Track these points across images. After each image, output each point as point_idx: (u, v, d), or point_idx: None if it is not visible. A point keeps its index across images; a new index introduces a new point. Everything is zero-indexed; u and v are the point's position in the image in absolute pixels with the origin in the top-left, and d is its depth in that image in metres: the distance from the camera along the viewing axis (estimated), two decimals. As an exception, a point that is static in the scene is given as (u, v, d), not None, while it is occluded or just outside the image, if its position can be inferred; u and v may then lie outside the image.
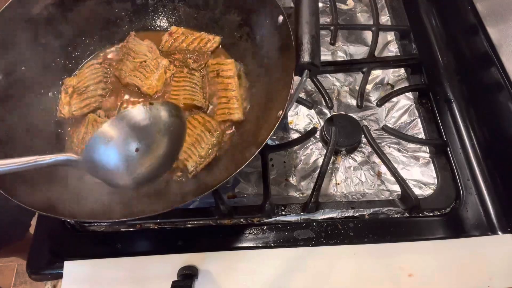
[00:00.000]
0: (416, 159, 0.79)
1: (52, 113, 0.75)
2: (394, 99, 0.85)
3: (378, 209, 0.72)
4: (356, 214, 0.72)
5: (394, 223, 0.71)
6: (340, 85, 0.89)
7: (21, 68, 0.70)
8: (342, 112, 0.84)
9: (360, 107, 0.80)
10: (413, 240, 0.69)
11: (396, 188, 0.75)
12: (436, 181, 0.76)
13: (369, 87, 0.88)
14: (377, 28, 0.90)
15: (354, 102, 0.86)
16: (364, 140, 0.80)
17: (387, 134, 0.79)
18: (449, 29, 0.93)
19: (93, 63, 0.80)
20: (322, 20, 0.96)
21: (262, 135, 0.61)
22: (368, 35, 0.93)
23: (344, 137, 0.77)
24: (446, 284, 0.66)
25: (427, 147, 0.80)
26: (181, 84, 0.77)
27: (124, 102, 0.78)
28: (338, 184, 0.77)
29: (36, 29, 0.72)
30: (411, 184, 0.74)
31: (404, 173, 0.75)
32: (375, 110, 0.85)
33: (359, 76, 0.87)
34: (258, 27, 0.75)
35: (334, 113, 0.84)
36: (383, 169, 0.77)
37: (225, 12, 0.80)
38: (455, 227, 0.71)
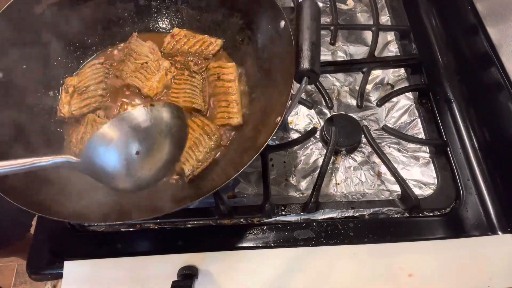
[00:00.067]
0: (416, 159, 0.79)
1: (52, 112, 0.75)
2: (394, 99, 0.85)
3: (378, 209, 0.72)
4: (356, 214, 0.72)
5: (394, 223, 0.71)
6: (340, 85, 0.89)
7: (22, 66, 0.70)
8: (342, 112, 0.84)
9: (360, 107, 0.80)
10: (413, 240, 0.69)
11: (396, 188, 0.75)
12: (436, 181, 0.76)
13: (369, 87, 0.88)
14: (377, 28, 0.90)
15: (354, 102, 0.86)
16: (364, 140, 0.80)
17: (387, 134, 0.79)
18: (449, 29, 0.93)
19: (94, 63, 0.80)
20: (322, 20, 0.95)
21: (260, 139, 0.61)
22: (368, 35, 0.93)
23: (344, 137, 0.77)
24: (446, 284, 0.66)
25: (427, 147, 0.80)
26: (182, 86, 0.77)
27: (124, 103, 0.78)
28: (338, 184, 0.77)
29: (38, 28, 0.72)
30: (411, 184, 0.74)
31: (404, 173, 0.75)
32: (375, 110, 0.85)
33: (359, 76, 0.87)
34: (260, 31, 0.75)
35: (334, 113, 0.84)
36: (383, 169, 0.77)
37: (228, 15, 0.80)
38: (455, 227, 0.71)
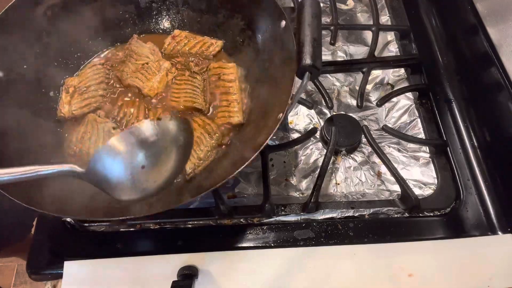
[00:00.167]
0: (416, 159, 0.79)
1: (52, 112, 0.75)
2: (394, 99, 0.85)
3: (378, 209, 0.72)
4: (356, 214, 0.72)
5: (394, 223, 0.71)
6: (340, 85, 0.89)
7: (23, 66, 0.70)
8: (342, 112, 0.84)
9: (360, 107, 0.80)
10: (413, 240, 0.69)
11: (396, 188, 0.75)
12: (436, 181, 0.76)
13: (369, 87, 0.88)
14: (377, 28, 0.90)
15: (354, 102, 0.86)
16: (364, 140, 0.80)
17: (387, 134, 0.79)
18: (449, 29, 0.93)
19: (95, 64, 0.80)
20: (322, 20, 0.95)
21: (261, 137, 0.61)
22: (368, 35, 0.93)
23: (344, 137, 0.77)
24: (446, 284, 0.66)
25: (427, 147, 0.80)
26: (182, 87, 0.77)
27: (125, 103, 0.78)
28: (338, 184, 0.77)
29: (39, 29, 0.72)
30: (411, 184, 0.74)
31: (404, 173, 0.74)
32: (375, 110, 0.85)
33: (359, 76, 0.87)
34: (260, 32, 0.75)
35: (334, 113, 0.84)
36: (383, 169, 0.77)
37: (228, 17, 0.80)
38: (455, 227, 0.71)
